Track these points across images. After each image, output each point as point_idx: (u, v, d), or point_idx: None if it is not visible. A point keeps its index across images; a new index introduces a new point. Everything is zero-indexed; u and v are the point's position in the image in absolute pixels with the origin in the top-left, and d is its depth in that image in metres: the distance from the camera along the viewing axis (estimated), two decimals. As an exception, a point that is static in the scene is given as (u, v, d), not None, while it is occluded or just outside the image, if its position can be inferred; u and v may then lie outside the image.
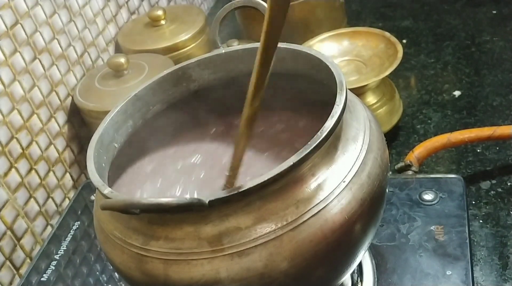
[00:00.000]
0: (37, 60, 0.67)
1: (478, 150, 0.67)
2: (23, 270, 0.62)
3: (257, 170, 0.45)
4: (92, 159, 0.39)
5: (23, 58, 0.65)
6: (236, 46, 0.48)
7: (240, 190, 0.33)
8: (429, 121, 0.73)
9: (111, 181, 0.44)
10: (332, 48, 0.73)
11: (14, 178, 0.62)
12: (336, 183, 0.36)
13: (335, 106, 0.37)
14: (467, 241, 0.51)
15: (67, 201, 0.70)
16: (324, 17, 0.84)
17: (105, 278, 0.57)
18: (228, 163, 0.47)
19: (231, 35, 0.97)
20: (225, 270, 0.34)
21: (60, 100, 0.71)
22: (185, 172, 0.47)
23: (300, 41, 0.70)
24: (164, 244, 0.35)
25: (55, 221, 0.67)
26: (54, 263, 0.59)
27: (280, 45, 0.45)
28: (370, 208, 0.37)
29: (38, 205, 0.66)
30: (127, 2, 0.88)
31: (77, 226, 0.63)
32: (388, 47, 0.70)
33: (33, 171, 0.65)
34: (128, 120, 0.45)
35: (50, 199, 0.68)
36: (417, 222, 0.54)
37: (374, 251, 0.52)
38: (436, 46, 0.88)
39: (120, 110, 0.44)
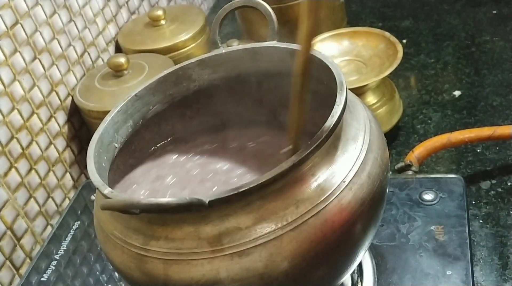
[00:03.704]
0: (37, 60, 0.67)
1: (478, 150, 0.67)
2: (23, 270, 0.62)
3: (256, 169, 0.45)
4: (92, 159, 0.39)
5: (23, 58, 0.65)
6: (236, 46, 0.48)
7: (240, 190, 0.33)
8: (429, 121, 0.73)
9: (112, 182, 0.44)
10: (332, 48, 0.73)
11: (14, 178, 0.62)
12: (336, 183, 0.36)
13: (335, 106, 0.37)
14: (467, 241, 0.51)
15: (67, 201, 0.70)
16: (324, 17, 0.84)
17: (105, 278, 0.57)
18: (228, 164, 0.47)
19: (231, 35, 0.97)
20: (225, 270, 0.34)
21: (60, 100, 0.71)
22: (185, 171, 0.47)
23: (300, 41, 0.70)
24: (164, 244, 0.35)
25: (55, 221, 0.67)
26: (54, 263, 0.59)
27: (280, 45, 0.46)
28: (370, 208, 0.37)
29: (38, 205, 0.66)
30: (127, 2, 0.88)
31: (77, 226, 0.63)
32: (388, 47, 0.70)
33: (33, 171, 0.65)
34: (128, 120, 0.45)
35: (50, 199, 0.68)
36: (417, 222, 0.54)
37: (374, 251, 0.52)
38: (436, 46, 0.88)
39: (120, 110, 0.45)
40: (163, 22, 0.83)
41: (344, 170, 0.36)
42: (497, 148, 0.67)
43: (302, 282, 0.36)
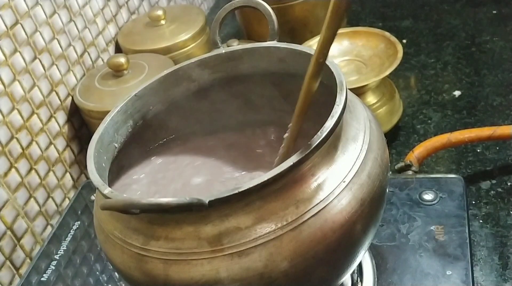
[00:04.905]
0: (37, 60, 0.67)
1: (478, 150, 0.67)
2: (23, 270, 0.62)
3: (255, 169, 0.45)
4: (92, 159, 0.39)
5: (23, 58, 0.65)
6: (236, 46, 0.48)
7: (240, 190, 0.33)
8: (429, 121, 0.73)
9: (112, 182, 0.44)
10: (332, 48, 0.73)
11: (14, 178, 0.62)
12: (336, 183, 0.36)
13: (335, 106, 0.37)
14: (467, 241, 0.51)
15: (67, 201, 0.70)
16: (324, 17, 0.84)
17: (105, 278, 0.57)
18: (228, 164, 0.47)
19: (231, 35, 0.97)
20: (225, 270, 0.34)
21: (60, 100, 0.71)
22: (185, 172, 0.47)
23: (300, 41, 0.70)
24: (164, 244, 0.35)
25: (55, 221, 0.67)
26: (54, 263, 0.59)
27: (280, 45, 0.46)
28: (370, 208, 0.37)
29: (38, 205, 0.66)
30: (127, 2, 0.88)
31: (77, 226, 0.63)
32: (388, 47, 0.70)
33: (33, 171, 0.65)
34: (128, 120, 0.45)
35: (50, 199, 0.68)
36: (417, 222, 0.54)
37: (374, 251, 0.52)
38: (436, 46, 0.88)
39: (120, 110, 0.45)
40: (163, 22, 0.83)
41: (344, 170, 0.36)
42: (497, 148, 0.67)
43: (302, 282, 0.36)
